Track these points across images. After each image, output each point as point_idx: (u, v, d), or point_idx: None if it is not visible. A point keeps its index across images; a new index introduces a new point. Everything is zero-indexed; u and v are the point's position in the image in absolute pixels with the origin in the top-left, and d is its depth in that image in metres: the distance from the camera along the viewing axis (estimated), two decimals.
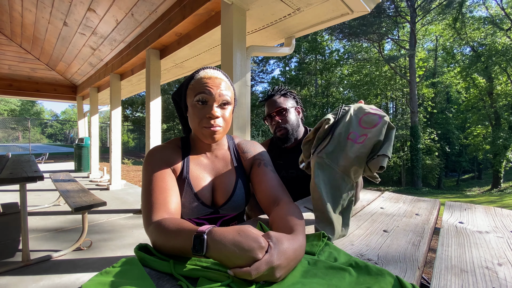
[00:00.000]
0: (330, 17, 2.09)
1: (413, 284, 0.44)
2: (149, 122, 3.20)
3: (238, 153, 0.87)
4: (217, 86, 0.73)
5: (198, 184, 0.77)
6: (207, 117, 0.72)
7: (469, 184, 19.54)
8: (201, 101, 0.72)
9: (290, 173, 1.27)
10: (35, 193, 4.24)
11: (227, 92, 0.75)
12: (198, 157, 0.81)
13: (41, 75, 5.98)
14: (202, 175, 0.79)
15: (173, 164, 0.76)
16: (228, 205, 0.78)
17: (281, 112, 1.27)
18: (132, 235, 2.59)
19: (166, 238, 0.54)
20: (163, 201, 0.65)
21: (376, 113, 0.72)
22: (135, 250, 0.53)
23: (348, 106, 0.78)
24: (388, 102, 20.21)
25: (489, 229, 0.78)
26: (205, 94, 0.72)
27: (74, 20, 3.29)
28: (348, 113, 0.75)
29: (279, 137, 1.28)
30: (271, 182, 0.77)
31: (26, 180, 1.87)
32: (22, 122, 24.96)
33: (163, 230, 0.55)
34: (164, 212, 0.63)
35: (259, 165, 0.82)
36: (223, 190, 0.79)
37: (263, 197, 0.76)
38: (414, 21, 15.37)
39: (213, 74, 0.75)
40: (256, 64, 21.33)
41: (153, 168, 0.72)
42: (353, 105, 0.78)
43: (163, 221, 0.58)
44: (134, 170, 8.73)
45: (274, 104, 1.28)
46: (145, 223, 0.63)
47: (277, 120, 1.26)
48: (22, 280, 1.73)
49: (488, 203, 9.12)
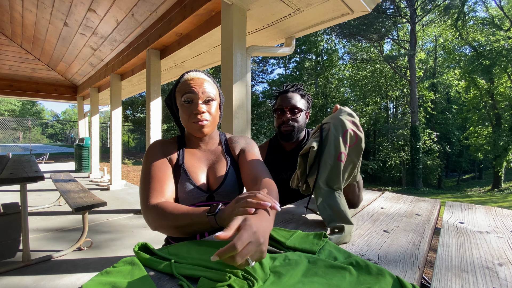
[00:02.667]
0: (330, 17, 2.09)
1: (413, 284, 0.44)
2: (149, 122, 3.20)
3: (228, 145, 0.95)
4: (200, 85, 0.81)
5: (193, 171, 0.85)
6: (194, 113, 0.80)
7: (469, 184, 19.52)
8: (187, 101, 0.81)
9: (289, 176, 1.27)
10: (36, 193, 4.24)
11: (210, 90, 0.83)
12: (193, 150, 0.90)
13: (42, 75, 5.98)
14: (196, 164, 0.87)
15: (170, 155, 0.85)
16: (221, 189, 0.85)
17: (294, 110, 1.25)
18: (132, 235, 2.59)
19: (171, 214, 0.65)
20: (160, 188, 0.75)
21: (355, 131, 0.78)
22: (135, 250, 0.54)
23: (327, 123, 0.82)
24: (388, 102, 20.20)
25: (490, 229, 0.78)
26: (190, 94, 0.80)
27: (74, 21, 3.29)
28: (329, 132, 0.79)
29: (282, 132, 1.26)
30: (252, 164, 0.85)
31: (26, 180, 1.87)
32: (22, 122, 24.98)
33: (167, 208, 0.67)
34: (161, 197, 0.74)
35: (243, 152, 0.90)
36: (216, 176, 0.86)
37: (245, 177, 0.84)
38: (414, 21, 15.36)
39: (196, 75, 0.83)
40: (256, 64, 21.34)
41: (152, 158, 0.81)
42: (332, 121, 0.81)
43: (164, 203, 0.70)
44: (135, 170, 8.74)
45: (289, 100, 1.25)
46: (144, 205, 0.73)
47: (288, 117, 1.24)
48: (23, 280, 1.73)
49: (489, 203, 9.11)
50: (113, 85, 4.36)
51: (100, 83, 5.32)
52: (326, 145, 0.78)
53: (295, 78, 19.35)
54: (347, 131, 0.77)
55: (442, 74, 19.48)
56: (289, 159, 1.30)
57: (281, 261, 0.51)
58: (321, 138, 0.79)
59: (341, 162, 0.76)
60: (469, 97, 16.13)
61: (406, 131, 16.19)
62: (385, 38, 16.92)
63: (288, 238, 0.61)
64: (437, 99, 19.76)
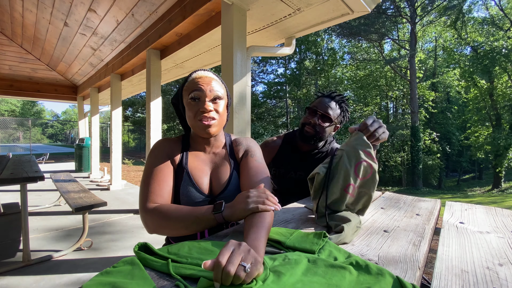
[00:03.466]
0: (330, 17, 2.09)
1: (413, 284, 0.44)
2: (149, 122, 3.20)
3: (233, 147, 0.92)
4: (208, 83, 0.79)
5: (197, 174, 0.83)
6: (200, 111, 0.78)
7: (469, 184, 19.52)
8: (194, 98, 0.79)
9: (298, 175, 1.27)
10: (36, 193, 4.24)
11: (218, 88, 0.81)
12: (198, 152, 0.87)
13: (42, 75, 5.99)
14: (200, 167, 0.85)
15: (173, 156, 0.83)
16: (224, 194, 0.83)
17: (325, 118, 1.20)
18: (132, 235, 2.59)
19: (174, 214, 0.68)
20: (160, 191, 0.75)
21: (369, 162, 0.74)
22: (135, 249, 0.54)
23: (342, 150, 0.79)
24: (389, 102, 20.19)
25: (490, 229, 0.78)
26: (197, 91, 0.78)
27: (74, 21, 3.29)
28: (341, 161, 0.76)
29: (304, 131, 1.22)
30: (253, 170, 0.83)
31: (26, 180, 1.87)
32: (23, 122, 24.98)
33: (169, 209, 0.69)
34: (161, 200, 0.74)
35: (246, 156, 0.88)
36: (219, 180, 0.84)
37: (244, 183, 0.83)
38: (414, 21, 15.36)
39: (204, 74, 0.82)
40: (256, 64, 21.32)
41: (155, 159, 0.81)
42: (346, 148, 0.78)
43: (164, 205, 0.72)
44: (135, 170, 8.74)
45: (327, 107, 1.19)
46: (143, 207, 0.73)
47: (316, 121, 1.19)
48: (23, 280, 1.73)
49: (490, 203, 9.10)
50: (113, 85, 4.36)
51: (100, 83, 5.32)
52: (335, 174, 0.75)
53: (296, 78, 19.33)
54: (360, 162, 0.73)
55: (442, 74, 19.47)
56: (301, 160, 1.28)
57: (280, 261, 0.51)
58: (330, 165, 0.77)
59: (347, 194, 0.74)
60: (469, 97, 16.12)
61: (406, 131, 16.19)
62: (385, 38, 16.91)
63: (288, 237, 0.61)
64: (437, 98, 19.75)
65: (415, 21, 15.42)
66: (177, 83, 18.24)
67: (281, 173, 1.31)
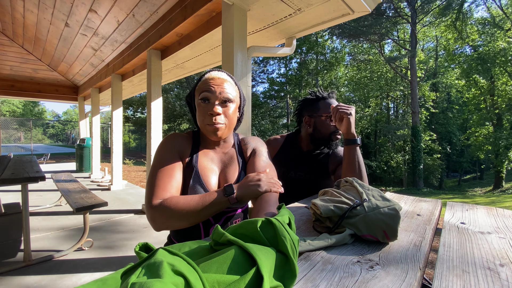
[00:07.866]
0: (331, 17, 2.09)
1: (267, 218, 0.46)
2: (150, 123, 3.20)
3: (241, 146, 0.93)
4: (219, 85, 0.78)
5: (205, 173, 0.82)
6: (208, 114, 0.77)
7: (470, 184, 19.49)
8: (204, 99, 0.78)
9: (298, 175, 1.27)
10: (37, 193, 4.25)
11: (230, 91, 0.80)
12: (207, 150, 0.87)
13: (43, 75, 6.00)
14: (209, 166, 0.84)
15: (183, 153, 0.83)
16: None
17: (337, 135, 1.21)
18: (134, 235, 2.59)
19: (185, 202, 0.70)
20: (169, 186, 0.75)
21: (386, 234, 0.63)
22: (136, 250, 0.53)
23: (362, 206, 0.66)
24: (389, 102, 20.17)
25: (491, 229, 0.78)
26: (207, 93, 0.78)
27: (75, 21, 3.30)
28: (357, 221, 0.65)
29: (334, 139, 1.20)
30: (260, 169, 0.84)
31: (27, 181, 1.87)
32: (24, 123, 25.04)
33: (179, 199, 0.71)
34: (169, 195, 0.74)
35: (253, 155, 0.89)
36: (227, 180, 0.84)
37: None
38: (414, 22, 15.34)
39: (216, 75, 0.80)
40: (256, 65, 21.31)
41: (166, 153, 0.80)
42: (370, 213, 0.64)
43: (173, 197, 0.72)
44: (136, 170, 8.75)
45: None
46: (151, 201, 0.72)
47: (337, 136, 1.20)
48: (24, 280, 1.73)
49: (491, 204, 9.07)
50: (114, 86, 4.36)
51: (101, 84, 5.33)
52: (343, 235, 0.64)
53: (296, 78, 19.32)
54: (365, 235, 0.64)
55: (443, 74, 19.44)
56: (303, 159, 1.28)
57: None
58: (341, 218, 0.66)
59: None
60: (469, 96, 16.09)
61: (407, 132, 16.16)
62: (386, 38, 16.89)
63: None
64: (438, 98, 19.72)
65: (415, 21, 15.41)
66: (178, 83, 18.25)
67: (282, 173, 1.31)
